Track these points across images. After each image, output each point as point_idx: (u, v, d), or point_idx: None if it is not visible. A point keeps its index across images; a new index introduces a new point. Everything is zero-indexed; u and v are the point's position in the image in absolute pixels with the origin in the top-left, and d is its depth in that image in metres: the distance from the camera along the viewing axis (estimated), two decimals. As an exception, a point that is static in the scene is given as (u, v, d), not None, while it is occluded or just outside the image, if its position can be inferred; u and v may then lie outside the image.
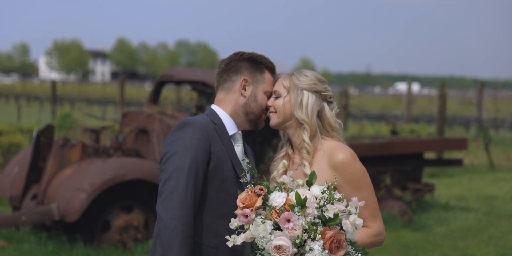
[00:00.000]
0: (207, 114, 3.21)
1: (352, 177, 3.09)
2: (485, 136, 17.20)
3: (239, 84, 3.22)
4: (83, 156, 7.80)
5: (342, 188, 3.06)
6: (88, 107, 42.35)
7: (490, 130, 22.48)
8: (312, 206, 2.82)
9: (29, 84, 70.75)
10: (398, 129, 15.52)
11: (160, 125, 8.20)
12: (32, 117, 26.85)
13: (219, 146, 3.11)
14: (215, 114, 3.21)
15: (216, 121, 3.18)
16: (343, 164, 3.09)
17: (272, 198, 2.87)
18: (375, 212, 3.12)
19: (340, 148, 3.14)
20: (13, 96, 47.37)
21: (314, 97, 3.18)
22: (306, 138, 3.15)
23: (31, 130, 13.95)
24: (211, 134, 3.10)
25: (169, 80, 8.93)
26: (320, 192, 2.86)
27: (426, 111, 37.28)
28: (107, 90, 55.92)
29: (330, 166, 3.10)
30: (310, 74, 3.22)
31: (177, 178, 3.00)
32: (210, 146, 3.08)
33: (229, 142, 3.16)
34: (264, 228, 2.82)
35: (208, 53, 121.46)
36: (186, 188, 3.00)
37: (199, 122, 3.10)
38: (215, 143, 3.10)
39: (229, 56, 3.29)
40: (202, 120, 3.14)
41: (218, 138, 3.12)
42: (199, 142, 3.05)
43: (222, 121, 3.19)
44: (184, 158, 3.02)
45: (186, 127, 3.08)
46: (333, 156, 3.11)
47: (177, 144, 3.05)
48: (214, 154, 3.08)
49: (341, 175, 3.07)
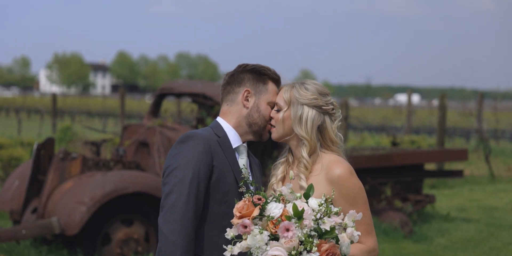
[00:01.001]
0: (211, 127, 3.22)
1: (348, 192, 3.08)
2: (485, 147, 17.20)
3: (241, 96, 3.23)
4: (84, 169, 7.80)
5: (337, 202, 3.04)
6: (88, 120, 42.36)
7: (491, 141, 22.48)
8: (309, 218, 2.82)
9: (30, 97, 70.83)
10: (398, 140, 15.53)
11: (160, 137, 8.21)
12: (33, 130, 26.87)
13: (222, 159, 3.12)
14: (220, 127, 3.22)
15: (220, 134, 3.19)
16: (340, 179, 3.08)
17: (269, 209, 2.87)
18: (370, 228, 3.11)
19: (338, 162, 3.13)
20: (13, 110, 47.41)
21: (314, 112, 3.15)
22: (305, 154, 3.14)
23: (31, 144, 13.95)
24: (213, 147, 3.11)
25: (170, 92, 8.95)
26: (317, 205, 2.86)
27: (426, 122, 37.29)
28: (107, 103, 55.96)
29: (327, 180, 3.09)
30: (312, 87, 3.18)
31: (179, 192, 3.02)
32: (213, 159, 3.09)
33: (232, 155, 3.17)
34: (261, 239, 2.82)
35: (208, 66, 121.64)
36: (187, 201, 3.01)
37: (202, 136, 3.12)
38: (218, 156, 3.11)
39: (234, 69, 3.30)
40: (206, 133, 3.15)
41: (221, 151, 3.13)
42: (201, 155, 3.06)
43: (226, 133, 3.20)
44: (186, 172, 3.04)
45: (189, 140, 3.10)
46: (331, 171, 3.10)
47: (179, 158, 3.07)
48: (216, 167, 3.09)
49: (338, 190, 3.06)
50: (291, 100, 3.17)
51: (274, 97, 3.24)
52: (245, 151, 3.25)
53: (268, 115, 3.23)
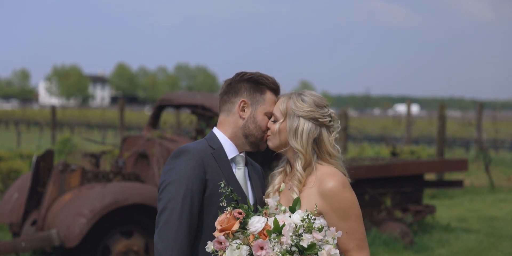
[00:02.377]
0: (207, 138, 3.19)
1: (340, 206, 3.00)
2: (485, 157, 17.19)
3: (237, 106, 3.18)
4: (83, 181, 7.79)
5: (329, 216, 2.99)
6: (87, 132, 42.35)
7: (490, 151, 22.47)
8: (287, 235, 2.79)
9: (29, 109, 70.87)
10: (398, 150, 15.52)
11: (160, 149, 8.20)
12: (32, 142, 26.86)
13: (216, 172, 3.09)
14: (215, 138, 3.19)
15: (215, 145, 3.16)
16: (331, 193, 3.01)
17: (251, 222, 2.85)
18: (362, 243, 3.03)
19: (331, 175, 3.06)
20: (13, 122, 47.40)
21: (310, 124, 3.09)
22: (299, 167, 3.08)
23: (30, 156, 13.94)
24: (207, 160, 3.08)
25: (169, 104, 8.95)
26: (300, 220, 2.82)
27: (426, 133, 37.28)
28: (106, 114, 55.98)
29: (319, 193, 3.03)
30: (309, 98, 3.12)
31: (172, 208, 3.00)
32: (206, 173, 3.05)
33: (227, 166, 3.14)
34: (240, 253, 2.80)
35: (207, 77, 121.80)
36: (180, 217, 2.99)
37: (195, 150, 3.09)
38: (211, 170, 3.08)
39: (232, 77, 3.25)
40: (199, 146, 3.12)
41: (215, 164, 3.10)
42: (193, 170, 3.03)
43: (221, 144, 3.17)
44: (179, 187, 3.01)
45: (181, 155, 3.07)
46: (323, 184, 3.03)
47: (172, 173, 3.05)
48: (210, 181, 3.06)
49: (329, 204, 3.00)
50: (287, 112, 3.11)
51: (272, 107, 3.19)
52: (242, 161, 3.21)
53: (265, 125, 3.18)
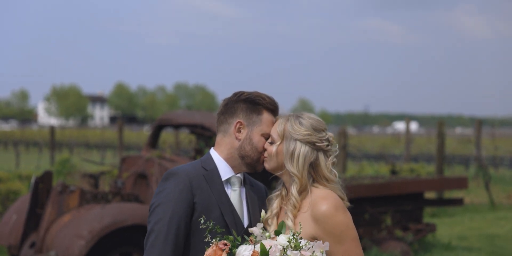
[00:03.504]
0: (202, 159, 3.16)
1: (333, 230, 2.95)
2: (484, 174, 17.17)
3: (233, 127, 3.15)
4: (82, 202, 7.77)
5: (323, 240, 2.93)
6: (86, 152, 42.33)
7: (490, 168, 22.45)
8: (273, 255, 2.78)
9: (28, 130, 70.89)
10: (397, 168, 15.50)
11: (159, 169, 8.18)
12: (31, 163, 26.82)
13: (206, 194, 3.05)
14: (210, 159, 3.16)
15: (209, 167, 3.13)
16: (323, 216, 2.95)
17: (238, 252, 2.84)
18: None
19: (324, 199, 3.00)
20: (12, 143, 47.38)
21: (307, 148, 3.04)
22: (294, 192, 3.04)
23: (29, 177, 13.91)
24: (197, 182, 3.05)
25: (168, 124, 8.95)
26: (286, 241, 2.80)
27: (425, 150, 37.28)
28: (105, 134, 55.99)
29: (312, 217, 2.98)
30: (306, 122, 3.08)
31: (158, 231, 2.99)
32: (194, 196, 3.02)
33: (219, 188, 3.09)
34: None
35: (206, 96, 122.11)
36: (165, 241, 2.97)
37: (185, 172, 3.06)
38: (201, 192, 3.04)
39: (229, 96, 3.22)
40: (190, 168, 3.10)
41: (206, 186, 3.06)
42: (180, 193, 3.00)
43: (216, 166, 3.13)
44: (166, 210, 2.99)
45: (170, 177, 3.05)
46: (315, 208, 2.98)
47: (161, 196, 3.03)
48: (198, 204, 3.02)
49: (322, 228, 2.96)
50: (285, 134, 3.07)
51: (269, 128, 3.15)
52: (238, 182, 3.16)
53: (262, 147, 3.14)
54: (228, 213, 3.07)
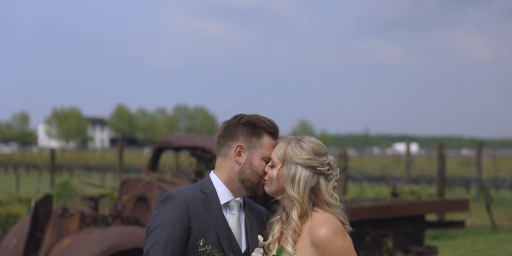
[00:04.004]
0: (200, 182, 3.15)
1: (332, 254, 2.93)
2: (486, 196, 17.12)
3: (234, 151, 3.13)
4: (82, 226, 7.74)
5: None
6: (87, 174, 42.27)
7: (491, 190, 22.40)
8: None
9: (28, 152, 70.87)
10: (398, 190, 15.46)
11: (159, 192, 8.16)
12: (31, 186, 26.78)
13: (203, 219, 3.04)
14: (209, 182, 3.14)
15: (207, 190, 3.11)
16: (322, 242, 2.94)
17: None
18: None
19: (323, 223, 2.98)
20: (12, 165, 47.33)
21: (308, 172, 3.03)
22: (295, 216, 3.02)
23: (29, 200, 13.88)
24: (194, 207, 3.03)
25: (168, 146, 8.94)
26: None
27: (426, 172, 37.23)
28: (106, 156, 55.97)
29: (311, 242, 2.97)
30: (307, 146, 3.07)
31: (153, 254, 2.97)
32: (190, 220, 3.01)
33: (217, 212, 3.08)
34: None
35: (206, 117, 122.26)
36: None
37: (182, 196, 3.05)
38: (198, 217, 3.03)
39: (229, 119, 3.22)
40: (188, 192, 3.08)
41: (203, 210, 3.05)
42: (176, 217, 2.99)
43: (214, 189, 3.12)
44: (161, 234, 2.98)
45: (167, 201, 3.04)
46: (314, 233, 2.96)
47: (157, 219, 3.02)
48: (194, 229, 3.01)
49: (321, 253, 2.94)
50: (285, 158, 3.06)
51: (269, 151, 3.14)
52: (237, 206, 3.14)
53: (262, 170, 3.13)
54: (225, 237, 3.05)
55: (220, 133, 3.20)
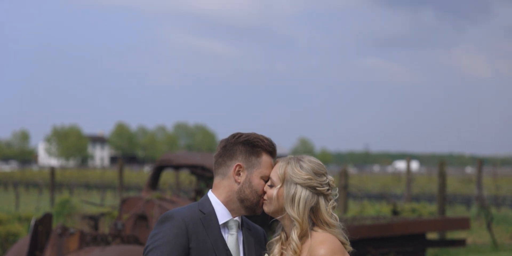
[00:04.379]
0: (199, 202, 3.12)
1: None
2: (487, 214, 17.07)
3: (233, 170, 3.10)
4: (82, 245, 7.71)
5: None
6: (87, 192, 42.19)
7: (492, 208, 22.34)
8: None
9: (28, 170, 70.79)
10: (399, 208, 15.42)
11: (159, 210, 8.14)
12: (31, 204, 26.70)
13: (202, 239, 3.01)
14: (207, 202, 3.11)
15: (206, 210, 3.09)
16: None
17: None
18: None
19: (322, 243, 2.96)
20: (12, 184, 47.24)
21: (308, 192, 3.01)
22: (295, 236, 3.00)
23: (29, 219, 13.84)
24: (193, 227, 3.01)
25: (168, 165, 8.94)
26: None
27: (426, 189, 37.15)
28: (106, 174, 55.91)
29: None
30: (307, 165, 3.06)
31: None
32: (189, 241, 2.99)
33: (216, 232, 3.06)
34: None
35: (206, 135, 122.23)
36: None
37: (181, 216, 3.03)
38: (197, 237, 3.01)
39: (227, 138, 3.19)
40: (187, 212, 3.06)
41: (202, 230, 3.03)
42: (176, 238, 2.97)
43: (213, 209, 3.09)
44: (159, 254, 2.95)
45: (166, 221, 3.02)
46: (313, 253, 2.95)
47: (156, 239, 3.00)
48: (193, 249, 2.99)
49: None
50: (285, 178, 3.04)
51: (268, 170, 3.12)
52: (236, 226, 3.12)
53: (261, 189, 3.10)
54: None
55: (218, 152, 3.17)
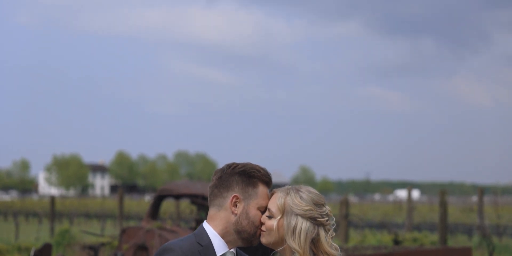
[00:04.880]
0: (195, 233, 3.11)
1: None
2: (488, 244, 16.99)
3: (229, 201, 3.08)
4: (81, 275, 7.68)
5: None
6: (87, 222, 42.03)
7: (493, 237, 22.23)
8: None
9: (29, 200, 70.57)
10: (400, 238, 15.36)
11: (159, 241, 8.13)
12: (31, 234, 26.58)
13: None
14: (204, 233, 3.10)
15: (203, 242, 3.07)
16: None
17: None
18: None
19: None
20: (11, 213, 47.07)
21: (308, 223, 3.01)
22: None
23: (29, 249, 13.77)
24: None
25: (169, 194, 8.94)
26: None
27: (428, 218, 37.00)
28: (106, 204, 55.72)
29: None
30: (307, 196, 3.06)
31: None
32: None
33: None
34: None
35: (207, 164, 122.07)
36: None
37: (180, 248, 3.01)
38: None
39: (222, 168, 3.16)
40: (185, 244, 3.05)
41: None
42: None
43: (210, 240, 3.08)
44: None
45: (166, 253, 3.00)
46: None
47: None
48: None
49: None
50: (285, 209, 3.03)
51: (265, 201, 3.10)
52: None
53: (258, 221, 3.09)
54: None
55: (214, 183, 3.14)
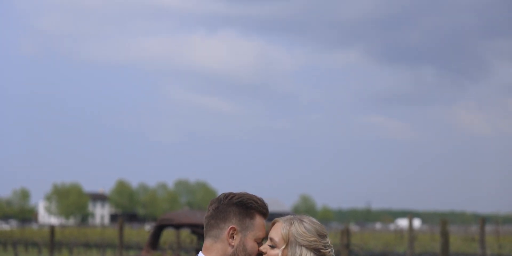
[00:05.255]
0: None
1: None
2: (490, 273, 16.89)
3: (226, 233, 3.04)
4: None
5: None
6: (86, 251, 41.77)
7: (495, 267, 22.08)
8: None
9: (28, 229, 70.19)
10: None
11: (159, 271, 8.10)
12: (30, 264, 26.41)
13: None
14: None
15: None
16: None
17: None
18: None
19: None
20: (11, 243, 46.81)
21: (312, 254, 3.01)
22: None
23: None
24: None
25: (169, 224, 8.94)
26: None
27: (429, 248, 36.77)
28: (106, 233, 55.37)
29: None
30: (311, 227, 3.05)
31: None
32: None
33: None
34: None
35: (207, 192, 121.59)
36: None
37: None
38: None
39: (218, 198, 3.13)
40: None
41: None
42: None
43: None
44: None
45: None
46: None
47: None
48: None
49: None
50: (289, 239, 3.02)
51: (262, 232, 3.08)
52: None
53: (255, 252, 3.05)
54: None
55: (210, 213, 3.10)
